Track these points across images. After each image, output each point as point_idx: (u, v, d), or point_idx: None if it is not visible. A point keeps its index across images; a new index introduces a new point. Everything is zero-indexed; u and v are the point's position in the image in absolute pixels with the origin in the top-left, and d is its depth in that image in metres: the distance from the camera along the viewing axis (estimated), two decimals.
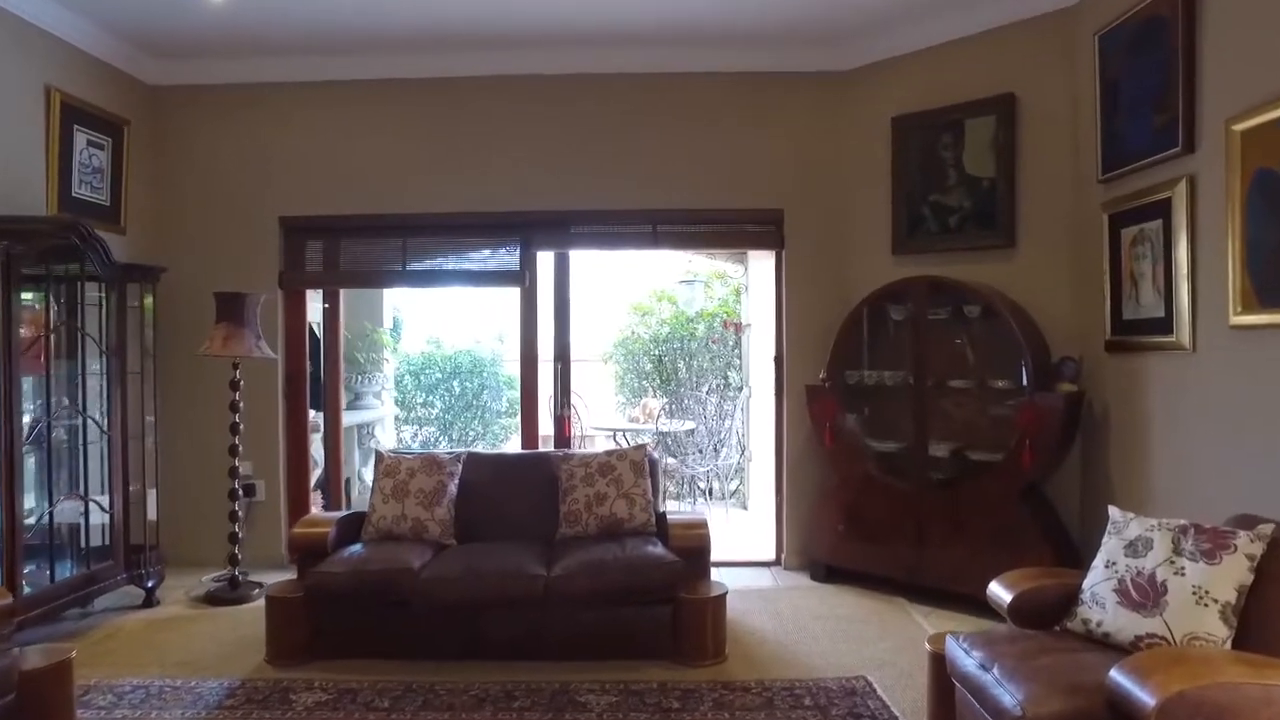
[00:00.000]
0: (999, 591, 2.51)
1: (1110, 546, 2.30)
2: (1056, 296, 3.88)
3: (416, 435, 7.57)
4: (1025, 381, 3.67)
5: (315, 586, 3.24)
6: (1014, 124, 3.95)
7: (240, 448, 4.17)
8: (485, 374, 7.51)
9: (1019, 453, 3.59)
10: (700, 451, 6.48)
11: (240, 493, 4.18)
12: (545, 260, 4.77)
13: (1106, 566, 2.27)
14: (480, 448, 7.46)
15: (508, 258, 4.69)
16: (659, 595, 3.26)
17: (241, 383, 4.15)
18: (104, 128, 4.24)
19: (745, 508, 6.73)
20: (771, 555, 4.83)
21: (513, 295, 4.78)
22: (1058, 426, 3.55)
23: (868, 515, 4.17)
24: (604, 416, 7.34)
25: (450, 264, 4.71)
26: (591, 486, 3.72)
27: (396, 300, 7.40)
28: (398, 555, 3.36)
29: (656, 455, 4.07)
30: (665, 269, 7.47)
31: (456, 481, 3.82)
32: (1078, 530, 3.80)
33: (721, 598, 3.29)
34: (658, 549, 3.39)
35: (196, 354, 4.09)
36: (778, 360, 4.75)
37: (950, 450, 3.98)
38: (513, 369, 6.76)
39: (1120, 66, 3.34)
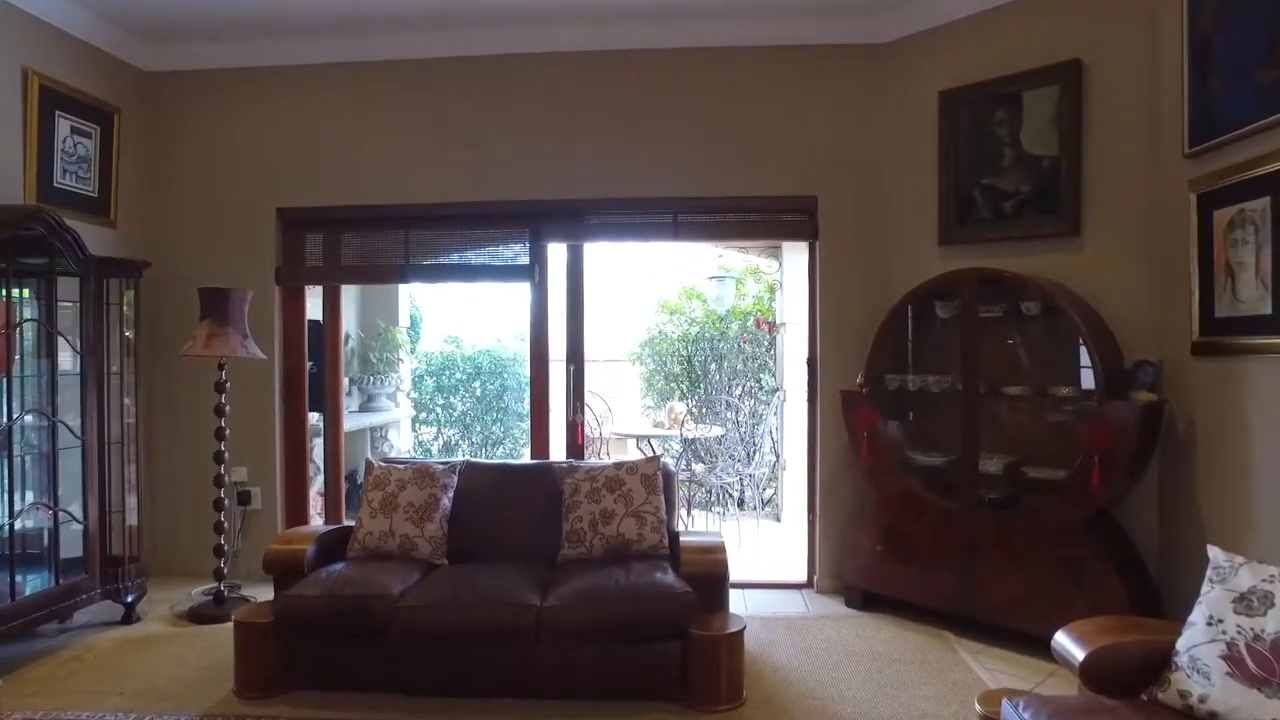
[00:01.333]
0: (1068, 646, 2.07)
1: (1213, 599, 1.85)
2: (1130, 291, 3.37)
3: (437, 437, 7.29)
4: (1093, 389, 3.19)
5: (285, 611, 2.93)
6: (1080, 94, 3.46)
7: (228, 454, 3.90)
8: (506, 375, 7.20)
9: (1086, 471, 3.11)
10: (732, 458, 6.06)
11: (226, 502, 3.91)
12: (558, 254, 4.41)
13: (1210, 624, 1.81)
14: (501, 451, 7.15)
15: (517, 251, 4.35)
16: (667, 630, 2.86)
17: (228, 385, 3.88)
18: (91, 115, 4.01)
19: (778, 519, 6.29)
20: (803, 576, 4.39)
21: (527, 291, 4.42)
22: (1132, 441, 3.06)
23: (909, 537, 3.72)
24: (629, 421, 6.97)
25: (455, 258, 4.38)
26: (597, 503, 3.35)
27: (416, 296, 7.13)
28: (377, 578, 3.03)
29: (672, 467, 3.68)
30: (695, 265, 7.05)
31: (451, 495, 3.49)
32: (1154, 564, 3.29)
33: (738, 635, 2.89)
34: (667, 576, 3.00)
35: (179, 354, 3.82)
36: (811, 363, 4.32)
37: (1004, 466, 3.51)
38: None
39: (1215, 18, 2.83)
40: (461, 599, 2.90)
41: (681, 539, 3.26)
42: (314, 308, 4.77)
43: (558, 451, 4.52)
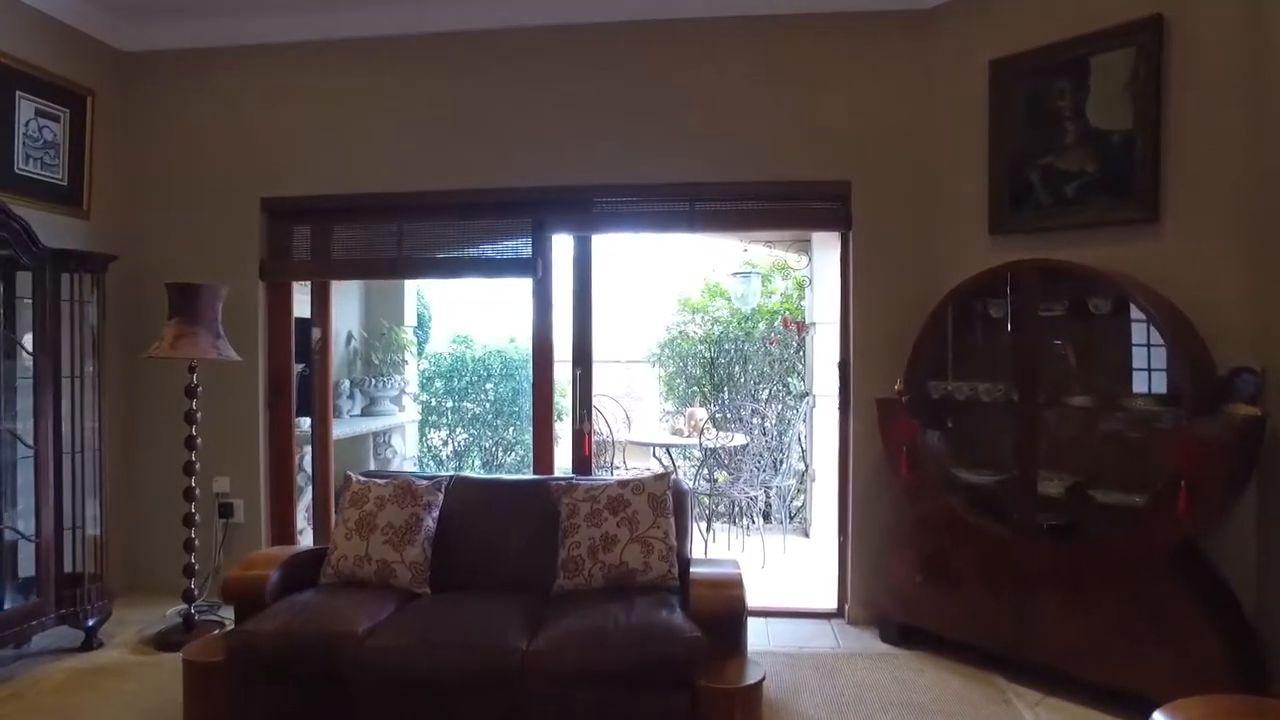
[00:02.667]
0: None
1: None
2: (1221, 286, 2.88)
3: (448, 442, 6.95)
4: (1179, 401, 2.72)
5: (237, 649, 2.57)
6: (1161, 57, 2.98)
7: (200, 464, 3.58)
8: (520, 376, 6.83)
9: (1169, 497, 2.63)
10: (757, 468, 5.62)
11: (198, 516, 3.58)
12: (564, 247, 4.02)
13: None
14: (513, 459, 6.79)
15: (518, 243, 3.97)
16: (672, 679, 2.45)
17: (199, 389, 3.55)
18: (59, 96, 3.72)
19: (806, 534, 5.84)
20: (833, 604, 3.95)
21: (536, 287, 4.03)
22: (1228, 462, 2.58)
23: (954, 565, 3.27)
24: (647, 428, 6.57)
25: (451, 251, 4.01)
26: (598, 526, 2.95)
27: (425, 294, 6.80)
28: (344, 611, 2.67)
29: (688, 480, 3.27)
30: (719, 260, 6.62)
31: (435, 514, 3.12)
32: (1253, 609, 2.80)
33: (756, 688, 2.47)
34: (674, 616, 2.59)
35: (142, 356, 3.51)
36: (843, 367, 3.88)
37: (1067, 487, 3.04)
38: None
39: None
40: (436, 639, 2.52)
41: (692, 571, 2.84)
42: (306, 305, 4.45)
43: (564, 463, 4.14)
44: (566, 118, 3.90)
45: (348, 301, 5.98)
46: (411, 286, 6.34)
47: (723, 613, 2.61)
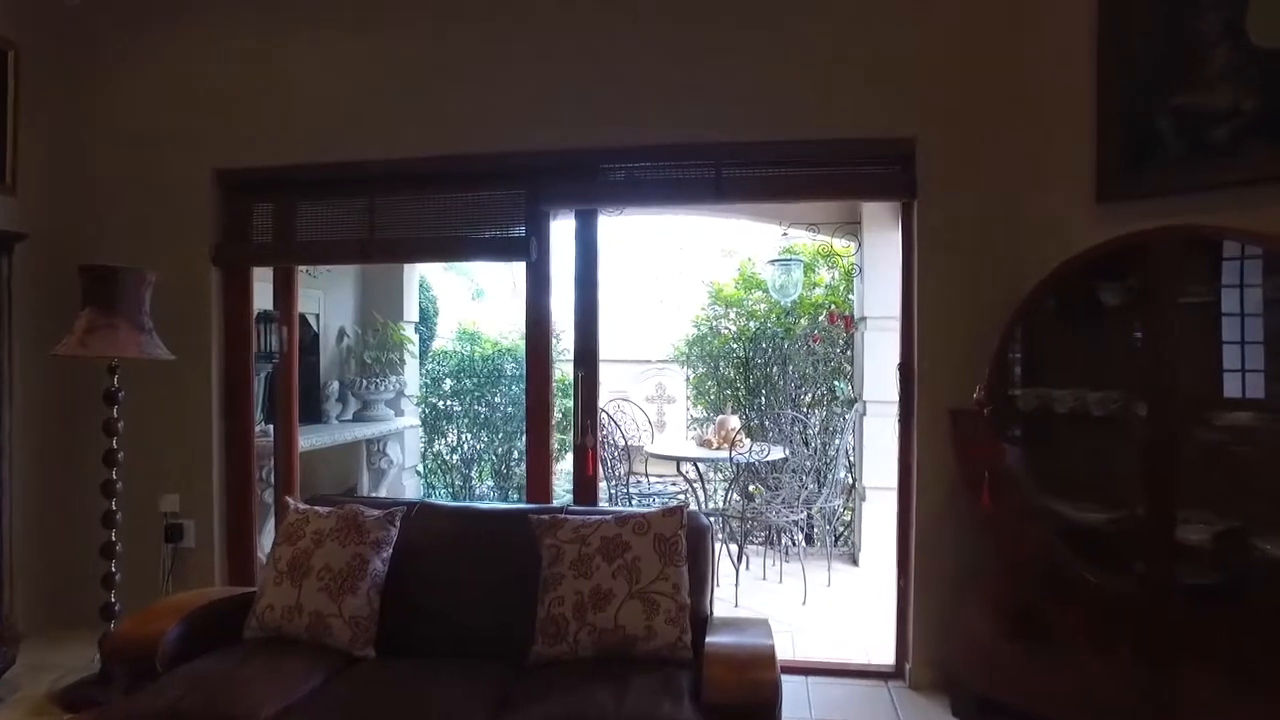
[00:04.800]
0: None
1: None
2: None
3: (456, 450, 6.35)
4: None
5: None
6: None
7: (119, 484, 3.00)
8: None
9: None
10: (800, 484, 4.87)
11: (119, 546, 3.00)
12: (563, 229, 3.36)
13: None
14: (524, 469, 6.14)
15: (509, 220, 3.31)
16: None
17: (121, 395, 2.97)
18: None
19: (855, 561, 5.09)
20: (890, 659, 3.22)
21: (530, 273, 3.37)
22: None
23: (1054, 625, 2.53)
24: (671, 438, 5.88)
25: (429, 230, 3.37)
26: (587, 577, 2.27)
27: (431, 284, 6.20)
28: (248, 688, 2.03)
29: (710, 511, 2.57)
30: (755, 246, 5.87)
31: (387, 554, 2.47)
32: None
33: None
34: (681, 710, 1.90)
35: (49, 354, 2.92)
36: (905, 369, 3.14)
37: (1217, 533, 2.27)
38: (565, 368, 5.38)
39: None
40: None
41: (709, 641, 2.15)
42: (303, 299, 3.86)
43: (565, 484, 3.48)
44: (566, 67, 3.23)
45: (342, 293, 5.42)
46: (413, 276, 5.75)
47: (748, 703, 1.91)
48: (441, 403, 6.25)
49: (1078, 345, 2.67)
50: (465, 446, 6.31)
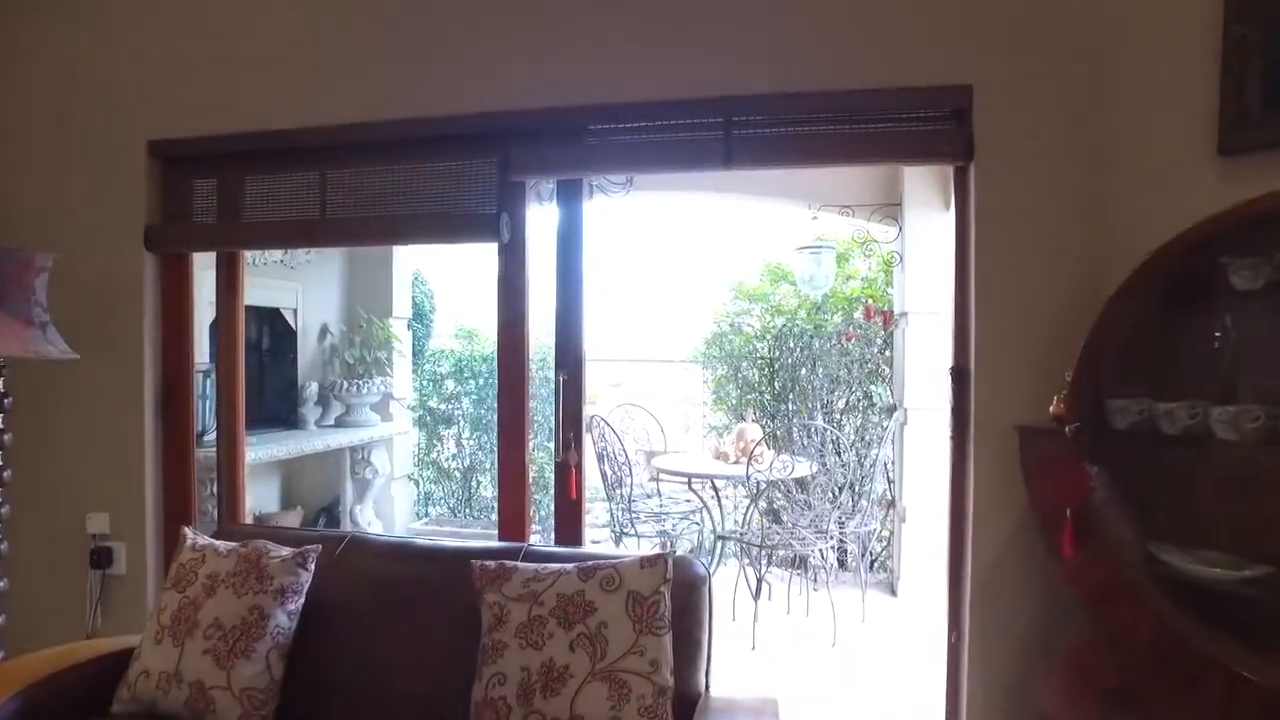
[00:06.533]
0: None
1: None
2: None
3: (456, 458, 5.85)
4: None
5: None
6: None
7: (4, 509, 2.53)
8: (538, 380, 5.66)
9: None
10: (834, 502, 4.27)
11: (3, 581, 2.54)
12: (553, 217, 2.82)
13: None
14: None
15: (476, 193, 2.78)
16: None
17: (8, 400, 2.50)
18: None
19: (893, 591, 4.48)
20: None
21: (503, 256, 2.83)
22: None
23: (1162, 710, 1.90)
24: (684, 453, 5.30)
25: (384, 207, 2.85)
26: (537, 648, 1.72)
27: (426, 276, 5.71)
28: None
29: (702, 567, 2.00)
30: (781, 232, 5.24)
31: (296, 605, 1.95)
32: None
33: None
34: None
35: None
36: (958, 375, 2.53)
37: None
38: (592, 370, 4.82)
39: None
40: None
41: None
42: (285, 292, 3.38)
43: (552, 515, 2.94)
44: (544, 10, 2.69)
45: (324, 286, 4.95)
46: (406, 268, 5.27)
47: None
48: (441, 406, 5.77)
49: (1192, 346, 2.04)
50: (467, 453, 5.81)
